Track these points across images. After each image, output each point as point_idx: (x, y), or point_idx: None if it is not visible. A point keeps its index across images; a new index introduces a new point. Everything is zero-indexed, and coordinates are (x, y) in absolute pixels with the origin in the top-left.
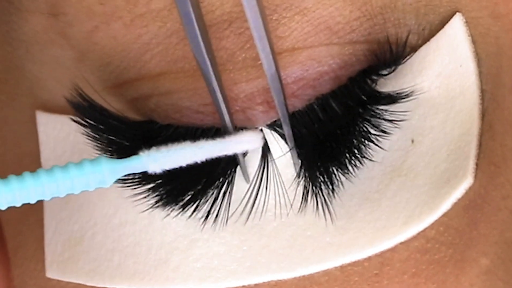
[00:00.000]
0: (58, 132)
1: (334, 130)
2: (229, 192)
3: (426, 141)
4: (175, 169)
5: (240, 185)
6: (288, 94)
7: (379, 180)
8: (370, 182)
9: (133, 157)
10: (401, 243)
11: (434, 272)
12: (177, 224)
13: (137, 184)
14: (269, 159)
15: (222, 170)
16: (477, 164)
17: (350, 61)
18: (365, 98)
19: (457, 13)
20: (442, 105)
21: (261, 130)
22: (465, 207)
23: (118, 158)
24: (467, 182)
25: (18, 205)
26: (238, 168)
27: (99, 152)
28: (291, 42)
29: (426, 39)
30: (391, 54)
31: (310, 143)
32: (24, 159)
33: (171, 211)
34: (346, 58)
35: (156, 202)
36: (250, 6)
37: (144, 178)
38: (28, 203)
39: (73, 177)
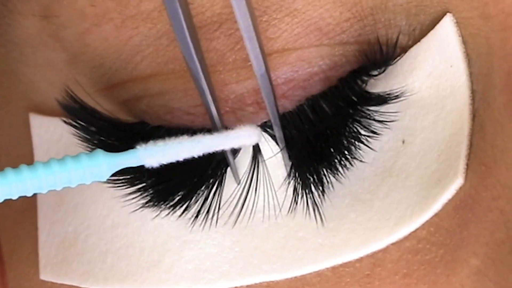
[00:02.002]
0: (52, 134)
1: (324, 131)
2: (220, 193)
3: (417, 142)
4: (166, 168)
5: (232, 186)
6: (278, 95)
7: (371, 181)
8: (361, 183)
9: (130, 150)
10: (393, 244)
11: (425, 272)
12: (169, 226)
13: (127, 184)
14: (260, 160)
15: (213, 170)
16: (467, 165)
17: (340, 62)
18: (355, 99)
19: (448, 14)
20: (433, 106)
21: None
22: (455, 207)
23: None
24: (458, 182)
25: (15, 197)
26: (229, 169)
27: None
28: (281, 43)
29: (417, 40)
30: (381, 54)
31: (300, 144)
32: (18, 162)
33: (162, 211)
34: (336, 59)
35: (147, 202)
36: (239, 7)
37: (135, 177)
38: (25, 197)
39: (70, 170)
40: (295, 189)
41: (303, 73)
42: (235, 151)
